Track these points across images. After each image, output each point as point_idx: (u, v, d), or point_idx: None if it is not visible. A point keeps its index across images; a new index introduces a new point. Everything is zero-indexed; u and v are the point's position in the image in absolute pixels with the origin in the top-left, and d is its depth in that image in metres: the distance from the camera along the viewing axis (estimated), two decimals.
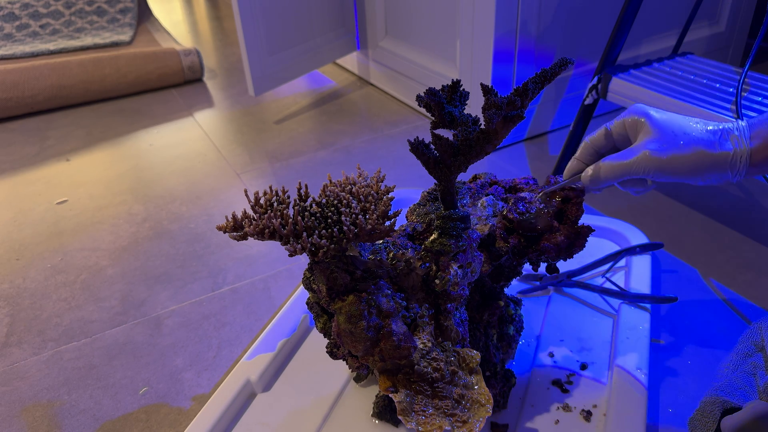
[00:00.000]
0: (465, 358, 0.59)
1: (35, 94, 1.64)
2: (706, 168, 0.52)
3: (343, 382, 0.72)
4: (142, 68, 1.76)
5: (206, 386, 0.77)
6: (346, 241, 0.53)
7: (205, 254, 1.04)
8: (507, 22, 1.18)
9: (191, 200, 1.21)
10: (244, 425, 0.68)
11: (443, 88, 0.58)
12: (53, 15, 2.10)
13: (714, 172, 0.52)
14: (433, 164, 0.56)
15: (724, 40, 1.50)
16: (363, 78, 1.79)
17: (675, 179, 0.53)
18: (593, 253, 0.88)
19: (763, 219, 1.02)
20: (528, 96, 0.56)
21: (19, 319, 0.91)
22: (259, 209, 0.55)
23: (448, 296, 0.59)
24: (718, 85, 0.99)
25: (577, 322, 0.79)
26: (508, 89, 1.27)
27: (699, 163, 0.52)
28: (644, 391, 0.66)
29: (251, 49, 1.41)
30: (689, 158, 0.52)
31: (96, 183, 1.30)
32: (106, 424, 0.73)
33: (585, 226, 0.65)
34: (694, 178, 0.53)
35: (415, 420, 0.55)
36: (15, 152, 1.46)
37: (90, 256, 1.05)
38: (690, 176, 0.52)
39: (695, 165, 0.52)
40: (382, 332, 0.56)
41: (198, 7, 2.85)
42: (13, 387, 0.79)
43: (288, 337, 0.78)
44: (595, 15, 1.28)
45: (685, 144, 0.52)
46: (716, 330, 0.80)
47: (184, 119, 1.60)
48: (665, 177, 0.53)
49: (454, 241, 0.58)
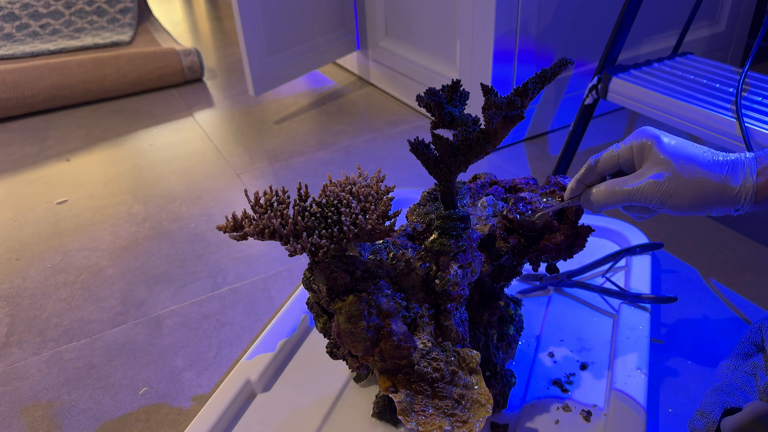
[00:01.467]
0: (465, 358, 0.59)
1: (35, 94, 1.64)
2: (709, 203, 0.51)
3: (343, 382, 0.72)
4: (142, 68, 1.76)
5: (206, 386, 0.77)
6: (346, 241, 0.53)
7: (205, 254, 1.04)
8: (507, 22, 1.18)
9: (191, 200, 1.21)
10: (244, 425, 0.68)
11: (443, 88, 0.58)
12: (53, 15, 2.10)
13: (716, 207, 0.51)
14: (433, 164, 0.56)
15: (724, 40, 1.50)
16: (363, 78, 1.79)
17: (675, 212, 0.52)
18: (593, 253, 0.88)
19: (763, 219, 1.02)
20: (528, 96, 0.56)
21: (19, 319, 0.91)
22: (259, 209, 0.55)
23: (448, 296, 0.59)
24: (718, 85, 0.99)
25: (577, 322, 0.79)
26: (508, 89, 1.27)
27: (702, 198, 0.50)
28: (644, 391, 0.66)
29: (251, 49, 1.41)
30: (693, 192, 0.50)
31: (96, 183, 1.30)
32: (106, 424, 0.73)
33: (585, 226, 0.65)
34: (695, 212, 0.52)
35: (415, 420, 0.55)
36: (15, 152, 1.46)
37: (90, 256, 1.05)
38: (691, 210, 0.51)
39: (698, 199, 0.50)
40: (382, 332, 0.56)
41: (198, 7, 2.85)
42: (13, 387, 0.79)
43: (288, 337, 0.78)
44: (595, 15, 1.28)
45: (691, 176, 0.50)
46: (716, 330, 0.80)
47: (184, 119, 1.60)
48: (666, 208, 0.52)
49: (454, 241, 0.58)
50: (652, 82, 1.02)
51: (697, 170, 0.50)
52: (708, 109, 0.91)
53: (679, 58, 1.12)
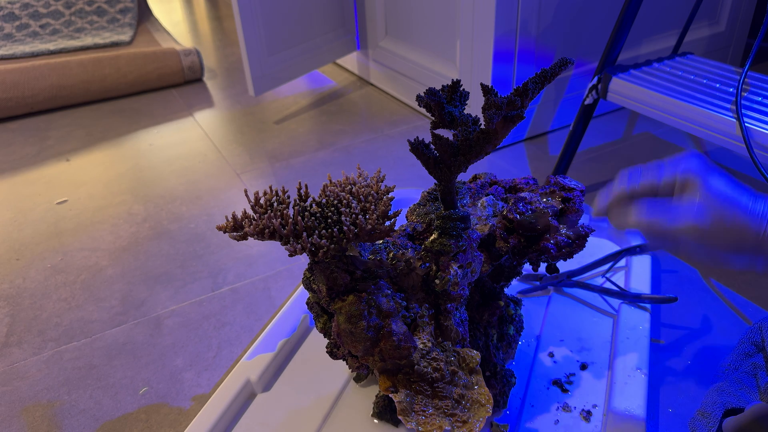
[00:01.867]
0: (465, 358, 0.59)
1: (35, 94, 1.64)
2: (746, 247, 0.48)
3: (343, 382, 0.72)
4: (142, 68, 1.76)
5: (206, 386, 0.77)
6: (346, 241, 0.53)
7: (205, 254, 1.04)
8: (507, 22, 1.18)
9: (191, 200, 1.21)
10: (244, 425, 0.68)
11: (443, 88, 0.58)
12: (53, 15, 2.10)
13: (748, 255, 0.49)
14: (433, 164, 0.56)
15: (724, 40, 1.50)
16: (363, 78, 1.79)
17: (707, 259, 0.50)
18: (593, 253, 0.88)
19: None
20: (528, 96, 0.56)
21: (19, 319, 0.91)
22: (259, 209, 0.55)
23: (448, 296, 0.59)
24: (718, 85, 0.99)
25: (577, 322, 0.79)
26: (508, 89, 1.27)
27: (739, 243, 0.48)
28: (644, 391, 0.66)
29: (251, 49, 1.41)
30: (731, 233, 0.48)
31: (96, 183, 1.30)
32: (106, 424, 0.73)
33: (585, 226, 0.65)
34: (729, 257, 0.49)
35: (415, 420, 0.55)
36: (15, 152, 1.46)
37: (90, 256, 1.05)
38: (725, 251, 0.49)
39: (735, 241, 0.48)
40: (382, 332, 0.56)
41: (198, 7, 2.85)
42: (13, 387, 0.79)
43: (288, 337, 0.78)
44: (595, 15, 1.28)
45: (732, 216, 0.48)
46: (716, 330, 0.80)
47: (184, 119, 1.60)
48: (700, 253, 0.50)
49: (454, 241, 0.58)
50: (652, 82, 1.02)
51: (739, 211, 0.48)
52: (708, 109, 0.91)
53: (679, 58, 1.12)
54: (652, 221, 0.51)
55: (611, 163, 1.23)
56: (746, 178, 1.14)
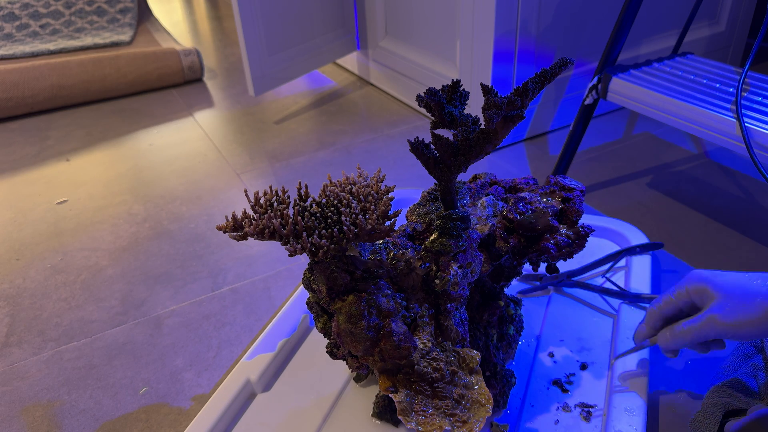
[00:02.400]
0: (465, 358, 0.59)
1: (35, 94, 1.64)
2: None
3: (343, 382, 0.72)
4: (142, 68, 1.76)
5: (206, 386, 0.77)
6: (346, 241, 0.53)
7: (205, 254, 1.04)
8: (507, 22, 1.18)
9: (191, 200, 1.21)
10: (244, 425, 0.68)
11: (443, 88, 0.58)
12: (53, 15, 2.10)
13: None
14: (433, 164, 0.56)
15: (724, 40, 1.50)
16: (363, 78, 1.79)
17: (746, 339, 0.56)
18: (593, 253, 0.88)
19: (763, 219, 1.02)
20: (528, 96, 0.56)
21: (19, 319, 0.91)
22: (259, 209, 0.55)
23: (448, 296, 0.59)
24: (718, 85, 0.99)
25: (577, 322, 0.79)
26: (508, 89, 1.27)
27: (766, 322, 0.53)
28: (644, 391, 0.66)
29: (251, 49, 1.41)
30: (756, 319, 0.53)
31: (96, 183, 1.30)
32: (106, 424, 0.73)
33: (585, 226, 0.65)
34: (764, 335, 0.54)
35: (415, 420, 0.55)
36: (15, 152, 1.46)
37: (90, 256, 1.05)
38: (760, 335, 0.54)
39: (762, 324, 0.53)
40: (382, 332, 0.56)
41: (198, 7, 2.85)
42: (13, 387, 0.79)
43: (288, 337, 0.78)
44: (595, 15, 1.28)
45: (749, 305, 0.54)
46: None
47: (184, 119, 1.60)
48: (737, 338, 0.55)
49: (454, 241, 0.58)
50: (652, 82, 1.02)
51: (754, 298, 0.54)
52: (708, 109, 0.91)
53: (679, 58, 1.12)
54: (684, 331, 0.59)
55: (611, 163, 1.23)
56: (746, 178, 1.14)
